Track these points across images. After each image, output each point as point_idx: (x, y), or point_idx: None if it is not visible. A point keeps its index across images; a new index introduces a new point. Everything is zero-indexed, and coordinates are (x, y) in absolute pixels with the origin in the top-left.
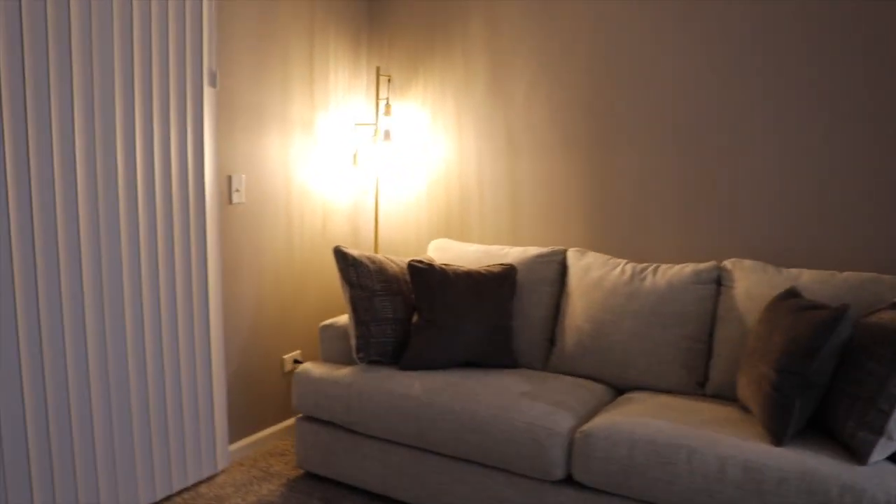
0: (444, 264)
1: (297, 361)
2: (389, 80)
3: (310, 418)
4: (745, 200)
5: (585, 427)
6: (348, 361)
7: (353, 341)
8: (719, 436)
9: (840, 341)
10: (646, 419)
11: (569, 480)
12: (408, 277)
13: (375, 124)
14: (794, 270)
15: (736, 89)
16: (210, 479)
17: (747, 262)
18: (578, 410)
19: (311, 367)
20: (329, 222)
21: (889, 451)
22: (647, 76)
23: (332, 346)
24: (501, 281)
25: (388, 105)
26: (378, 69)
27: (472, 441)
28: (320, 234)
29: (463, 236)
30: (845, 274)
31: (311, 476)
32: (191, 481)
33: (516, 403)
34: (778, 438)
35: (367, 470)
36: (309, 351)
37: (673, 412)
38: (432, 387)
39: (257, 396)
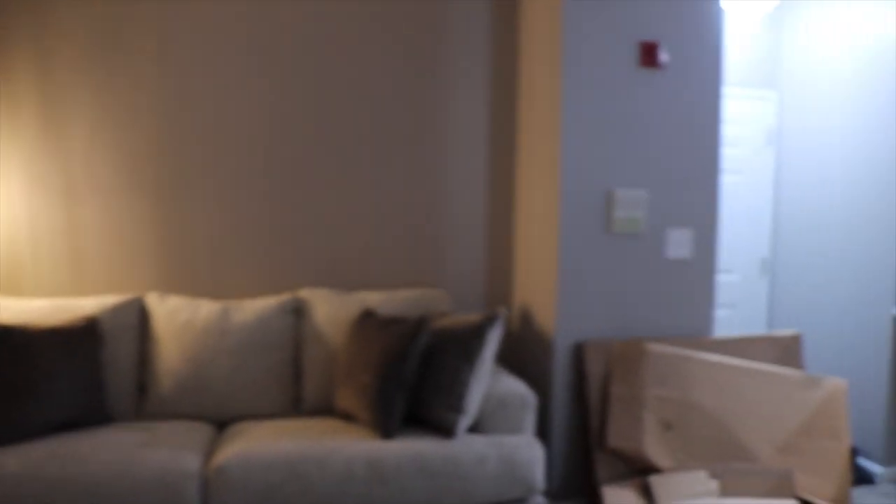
0: (21, 323)
1: None
2: None
3: None
4: (307, 236)
5: (217, 462)
6: None
7: None
8: (338, 443)
9: (422, 345)
10: (271, 442)
11: None
12: None
13: None
14: (360, 293)
15: (297, 138)
16: None
17: (321, 291)
18: (200, 449)
19: None
20: None
21: (468, 424)
22: (215, 121)
23: None
24: (88, 333)
25: None
26: None
27: None
28: None
29: (13, 291)
30: (401, 292)
31: None
32: None
33: (137, 455)
34: (387, 433)
35: None
36: None
37: (289, 432)
38: (33, 460)
39: None
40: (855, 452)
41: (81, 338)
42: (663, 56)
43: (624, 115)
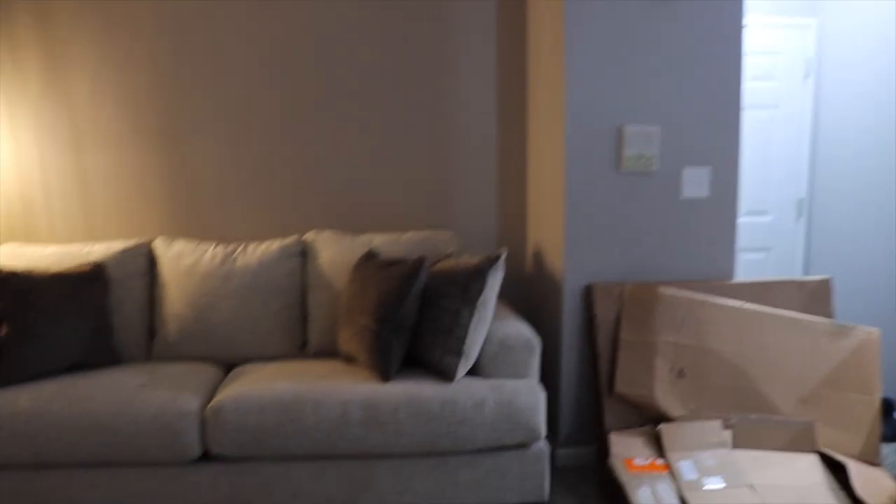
0: (27, 270)
1: None
2: None
3: None
4: (315, 180)
5: (214, 403)
6: None
7: None
8: (336, 385)
9: (420, 287)
10: (268, 384)
11: (205, 457)
12: None
13: None
14: (366, 235)
15: (298, 80)
16: None
17: (326, 233)
18: (201, 390)
19: None
20: None
21: (468, 367)
22: (216, 65)
23: None
24: (93, 278)
25: None
26: None
27: (97, 443)
28: None
29: (30, 239)
30: (408, 234)
31: None
32: None
33: (138, 395)
34: (385, 376)
35: None
36: None
37: (288, 374)
38: (41, 397)
39: None
40: (890, 406)
41: (87, 283)
42: None
43: (635, 45)
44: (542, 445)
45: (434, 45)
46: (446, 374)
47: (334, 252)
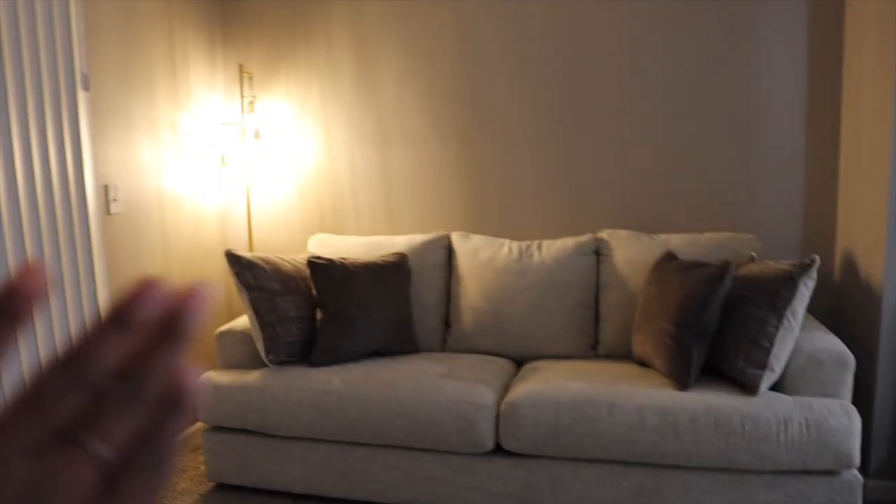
0: (341, 258)
1: None
2: (251, 77)
3: (219, 428)
4: (608, 177)
5: (509, 398)
6: (252, 365)
7: (260, 344)
8: (632, 389)
9: (724, 293)
10: (562, 383)
11: (496, 450)
12: (303, 275)
13: (241, 123)
14: (663, 236)
15: (595, 75)
16: None
17: (622, 232)
18: (495, 384)
19: (216, 376)
20: (201, 227)
21: (772, 381)
22: (512, 63)
23: (232, 352)
24: (398, 269)
25: (251, 102)
26: (240, 66)
27: (399, 427)
28: (193, 240)
29: (338, 230)
30: (707, 235)
31: (224, 487)
32: None
33: (437, 385)
34: (683, 384)
35: (289, 472)
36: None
37: (582, 374)
38: (351, 379)
39: None
40: None
41: (392, 273)
42: None
43: None
44: (855, 475)
45: (735, 31)
46: (749, 387)
47: (630, 251)
